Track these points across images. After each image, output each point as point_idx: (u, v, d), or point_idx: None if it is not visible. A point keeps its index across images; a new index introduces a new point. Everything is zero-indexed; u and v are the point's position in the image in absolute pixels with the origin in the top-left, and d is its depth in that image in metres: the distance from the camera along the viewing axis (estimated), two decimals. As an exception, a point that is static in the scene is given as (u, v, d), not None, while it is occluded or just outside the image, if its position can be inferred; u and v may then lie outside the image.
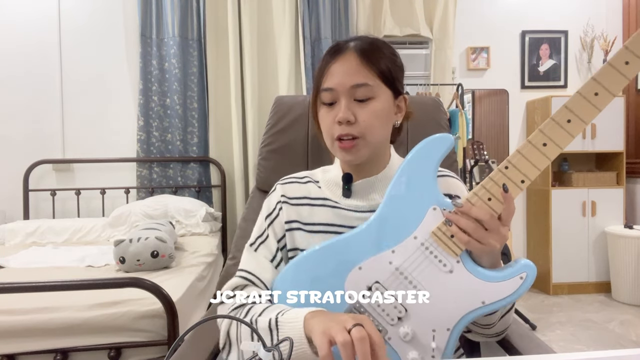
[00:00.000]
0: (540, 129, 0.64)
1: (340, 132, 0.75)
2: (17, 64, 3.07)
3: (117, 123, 3.14)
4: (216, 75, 3.12)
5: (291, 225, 0.83)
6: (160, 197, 2.87)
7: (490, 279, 0.65)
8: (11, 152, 3.07)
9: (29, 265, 2.08)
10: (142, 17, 3.03)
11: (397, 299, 0.67)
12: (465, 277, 0.65)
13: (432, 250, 0.67)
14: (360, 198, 0.81)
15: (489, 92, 3.50)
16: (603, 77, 0.62)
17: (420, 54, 3.36)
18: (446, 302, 0.65)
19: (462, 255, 0.66)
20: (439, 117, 1.25)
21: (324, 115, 0.79)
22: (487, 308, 0.64)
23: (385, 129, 0.79)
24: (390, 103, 0.79)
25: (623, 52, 0.61)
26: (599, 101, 0.62)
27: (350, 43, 0.78)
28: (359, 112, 0.75)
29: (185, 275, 1.89)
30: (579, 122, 0.62)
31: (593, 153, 3.53)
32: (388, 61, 0.78)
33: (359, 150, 0.77)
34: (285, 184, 0.88)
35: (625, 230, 3.14)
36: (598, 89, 0.62)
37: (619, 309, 3.01)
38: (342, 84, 0.75)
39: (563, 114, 0.63)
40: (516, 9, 3.53)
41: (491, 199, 0.64)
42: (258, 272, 0.80)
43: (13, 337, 1.40)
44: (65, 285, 1.35)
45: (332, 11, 3.19)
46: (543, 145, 0.63)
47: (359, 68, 0.75)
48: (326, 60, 0.79)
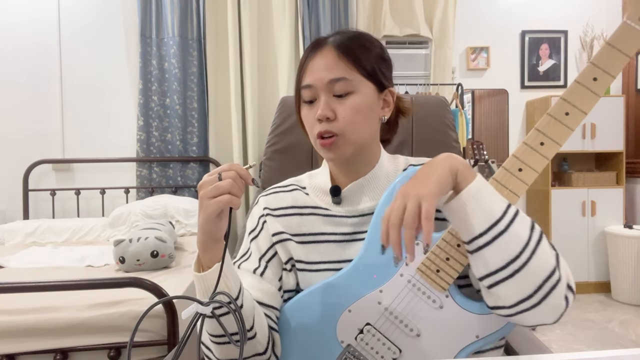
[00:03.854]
0: (507, 163, 0.64)
1: (320, 130, 0.73)
2: (17, 64, 3.07)
3: (117, 123, 3.14)
4: (216, 75, 3.12)
5: (280, 237, 0.80)
6: (160, 197, 2.87)
7: (482, 312, 0.63)
8: (11, 152, 3.07)
9: (28, 265, 2.08)
10: (142, 17, 3.03)
11: (390, 340, 0.66)
12: (457, 312, 0.64)
13: (420, 286, 0.65)
14: (351, 203, 0.79)
15: (489, 92, 3.50)
16: (572, 96, 0.61)
17: (420, 54, 3.36)
18: (440, 339, 0.64)
19: (451, 289, 0.64)
20: (444, 115, 1.23)
21: (306, 114, 0.76)
22: (482, 342, 0.62)
23: (368, 125, 0.75)
24: (374, 97, 0.76)
25: (590, 68, 0.61)
26: (571, 121, 0.61)
27: (329, 38, 0.76)
28: (338, 108, 0.73)
29: (185, 275, 1.89)
30: (553, 144, 0.62)
31: (593, 153, 3.53)
32: (369, 54, 0.75)
33: (340, 148, 0.73)
34: (269, 195, 0.85)
35: (625, 230, 3.14)
36: (569, 109, 0.61)
37: (619, 309, 3.01)
38: (320, 79, 0.73)
39: (534, 138, 0.63)
40: (516, 9, 3.53)
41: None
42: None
43: (13, 337, 1.40)
44: (65, 285, 1.35)
45: (332, 11, 3.19)
46: (519, 171, 0.63)
47: (336, 62, 0.73)
48: (305, 56, 0.77)
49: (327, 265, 0.77)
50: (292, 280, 0.80)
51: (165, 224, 2.30)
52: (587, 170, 3.48)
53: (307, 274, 0.78)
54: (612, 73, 0.61)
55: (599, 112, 3.30)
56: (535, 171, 0.62)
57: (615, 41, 0.62)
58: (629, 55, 0.61)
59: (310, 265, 0.78)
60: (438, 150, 1.28)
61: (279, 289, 0.79)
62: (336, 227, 0.78)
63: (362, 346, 0.67)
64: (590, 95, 0.61)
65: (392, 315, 0.66)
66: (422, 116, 1.21)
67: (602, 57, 0.61)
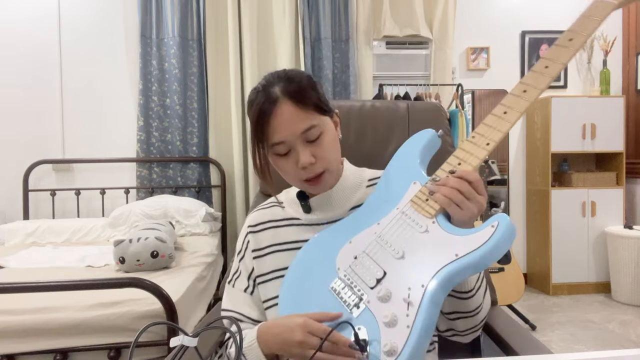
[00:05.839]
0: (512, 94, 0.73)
1: (307, 176, 0.80)
2: (17, 64, 3.07)
3: (117, 123, 3.15)
4: (216, 75, 3.12)
5: (258, 253, 0.88)
6: (160, 197, 2.87)
7: (463, 233, 0.65)
8: (11, 152, 3.07)
9: (28, 266, 2.08)
10: (142, 17, 3.03)
11: (377, 263, 0.69)
12: (440, 235, 0.67)
13: (409, 214, 0.71)
14: (320, 211, 0.86)
15: (489, 92, 3.50)
16: (551, 54, 0.73)
17: (420, 54, 3.36)
18: (421, 259, 0.66)
19: (438, 217, 0.69)
20: (439, 121, 1.28)
21: (283, 164, 0.81)
22: (462, 261, 0.63)
23: (338, 151, 0.85)
24: (331, 125, 0.83)
25: (567, 33, 0.72)
26: (551, 71, 0.71)
27: (274, 90, 0.78)
28: (316, 151, 0.79)
29: (185, 276, 1.89)
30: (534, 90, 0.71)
31: (593, 153, 3.53)
32: (312, 91, 0.80)
33: (327, 181, 0.82)
34: (252, 214, 0.94)
35: (625, 230, 3.15)
36: (548, 64, 0.72)
37: (619, 309, 3.01)
38: (292, 133, 0.77)
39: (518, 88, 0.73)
40: (516, 9, 3.54)
41: (461, 164, 0.71)
42: (237, 308, 0.87)
43: (13, 337, 1.40)
44: (65, 285, 1.35)
45: (332, 11, 3.19)
46: (504, 113, 0.71)
47: (298, 113, 0.77)
48: (260, 115, 0.78)
49: None
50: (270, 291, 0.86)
51: (165, 224, 2.30)
52: (587, 171, 3.48)
53: (281, 280, 0.83)
54: (585, 33, 0.71)
55: (599, 112, 3.31)
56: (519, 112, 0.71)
57: (589, 11, 0.72)
58: (600, 20, 0.71)
59: (281, 271, 0.84)
60: (435, 154, 1.31)
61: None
62: (308, 233, 0.85)
63: (354, 270, 0.71)
64: (566, 50, 0.71)
65: (383, 240, 0.71)
66: (418, 122, 1.27)
67: (577, 24, 0.73)
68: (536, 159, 3.47)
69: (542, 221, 3.39)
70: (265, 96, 0.78)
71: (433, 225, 0.68)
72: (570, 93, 3.57)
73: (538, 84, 0.70)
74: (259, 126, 0.78)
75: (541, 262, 3.41)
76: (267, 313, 0.85)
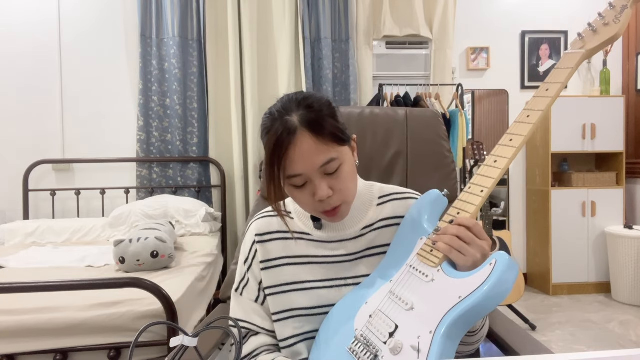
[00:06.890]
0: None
1: (324, 208, 0.78)
2: (17, 64, 3.07)
3: (117, 123, 3.15)
4: (216, 75, 3.12)
5: (267, 265, 0.86)
6: (160, 197, 2.87)
7: (465, 276, 0.67)
8: (11, 152, 3.07)
9: (28, 266, 2.08)
10: (142, 17, 3.03)
11: (390, 318, 0.71)
12: (445, 281, 0.68)
13: (417, 267, 0.74)
14: (332, 229, 0.86)
15: (489, 92, 3.50)
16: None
17: (420, 54, 3.36)
18: (429, 307, 0.68)
19: (443, 265, 0.70)
20: (437, 127, 1.32)
21: (299, 196, 0.78)
22: (466, 302, 0.64)
23: (356, 179, 0.82)
24: (351, 156, 0.80)
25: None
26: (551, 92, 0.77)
27: (292, 119, 0.73)
28: (334, 184, 0.76)
29: (185, 276, 1.89)
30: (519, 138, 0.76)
31: (593, 153, 3.53)
32: (332, 119, 0.76)
33: (344, 212, 0.81)
34: (259, 220, 0.90)
35: (625, 230, 3.15)
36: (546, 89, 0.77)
37: (619, 309, 3.01)
38: (311, 167, 0.74)
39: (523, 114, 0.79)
40: (516, 9, 3.54)
41: (460, 213, 0.74)
42: (249, 319, 0.86)
43: (13, 337, 1.40)
44: (65, 285, 1.35)
45: (332, 11, 3.19)
46: (494, 162, 0.75)
47: (317, 147, 0.73)
48: (277, 145, 0.73)
49: (310, 285, 0.84)
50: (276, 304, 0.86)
51: (165, 224, 2.30)
52: (587, 171, 3.48)
53: (292, 294, 0.84)
54: (560, 82, 0.76)
55: (599, 112, 3.31)
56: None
57: (560, 64, 0.79)
58: (574, 68, 0.77)
59: (291, 285, 0.84)
60: (432, 159, 1.32)
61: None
62: (317, 250, 0.85)
63: (369, 328, 0.73)
64: (545, 100, 0.76)
65: (394, 295, 0.74)
66: (417, 128, 1.31)
67: (551, 76, 0.78)
68: (536, 159, 3.47)
69: (542, 221, 3.39)
70: (283, 126, 0.73)
71: (438, 274, 0.70)
72: (571, 93, 3.57)
73: (522, 131, 0.75)
74: (276, 157, 0.74)
75: (541, 262, 3.41)
76: (276, 325, 0.84)
